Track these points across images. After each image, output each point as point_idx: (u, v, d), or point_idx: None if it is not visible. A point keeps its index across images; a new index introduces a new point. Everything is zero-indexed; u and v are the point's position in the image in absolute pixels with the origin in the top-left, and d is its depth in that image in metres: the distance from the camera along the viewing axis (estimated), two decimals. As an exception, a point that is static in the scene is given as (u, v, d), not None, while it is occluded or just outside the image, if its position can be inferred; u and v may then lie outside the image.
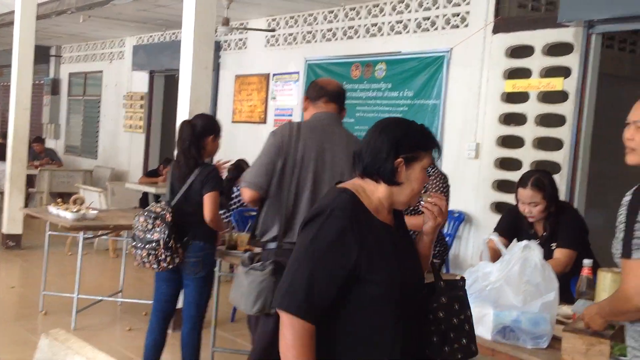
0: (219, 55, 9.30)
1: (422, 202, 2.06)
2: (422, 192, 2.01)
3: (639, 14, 4.88)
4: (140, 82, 11.12)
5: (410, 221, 2.94)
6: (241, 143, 8.66)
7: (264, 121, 8.62)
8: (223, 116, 9.27)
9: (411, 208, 3.80)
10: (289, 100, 8.24)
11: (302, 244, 1.90)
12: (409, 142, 1.95)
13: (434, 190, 4.02)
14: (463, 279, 2.13)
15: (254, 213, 3.77)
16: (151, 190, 8.50)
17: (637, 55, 6.73)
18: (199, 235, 3.83)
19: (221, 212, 6.62)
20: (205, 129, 3.92)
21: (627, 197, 2.04)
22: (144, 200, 8.96)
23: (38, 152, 11.31)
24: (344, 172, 3.06)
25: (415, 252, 2.08)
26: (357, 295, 1.88)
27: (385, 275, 1.88)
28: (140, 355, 4.03)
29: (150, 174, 9.34)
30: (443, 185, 4.05)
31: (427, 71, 6.57)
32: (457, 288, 2.06)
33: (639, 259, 1.97)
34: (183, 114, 5.17)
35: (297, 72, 8.16)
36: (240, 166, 6.97)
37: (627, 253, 1.99)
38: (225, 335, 4.97)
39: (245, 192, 3.20)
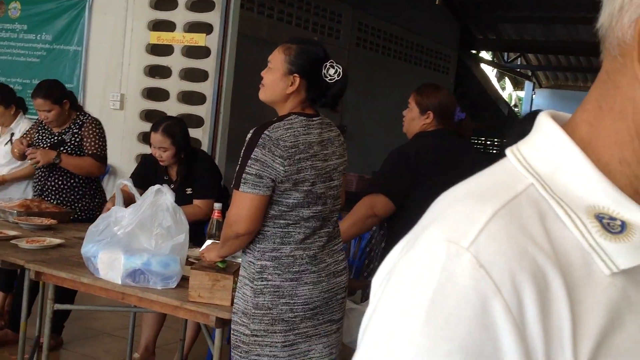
0: None
1: None
2: None
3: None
4: None
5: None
6: None
7: None
8: None
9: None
10: None
11: None
12: None
13: (90, 137, 3.85)
14: None
15: None
16: None
17: (274, 19, 7.25)
18: None
19: None
20: None
21: (248, 136, 2.21)
22: None
23: None
24: None
25: None
26: None
27: None
28: None
29: None
30: (99, 131, 3.94)
31: (67, 15, 6.18)
32: None
33: (244, 191, 2.17)
34: None
35: None
36: None
37: (237, 184, 2.20)
38: None
39: None
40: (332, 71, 2.28)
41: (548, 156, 0.60)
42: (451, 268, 0.51)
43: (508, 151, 0.62)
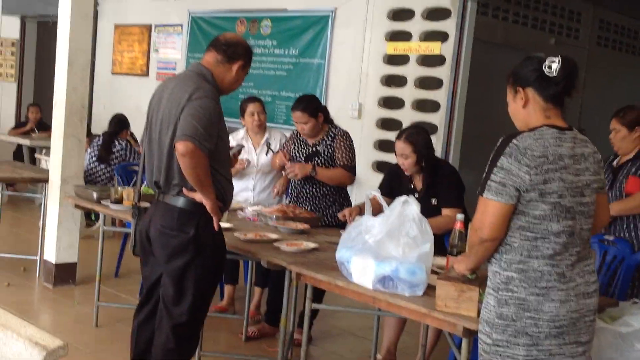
0: (97, 3, 8.90)
1: None
2: None
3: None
4: (10, 27, 10.45)
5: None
6: (121, 95, 8.40)
7: (146, 74, 8.39)
8: (102, 67, 8.94)
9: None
10: (173, 54, 8.07)
11: None
12: None
13: (342, 149, 4.13)
14: None
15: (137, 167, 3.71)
16: (25, 142, 8.12)
17: (509, 22, 7.12)
18: None
19: (102, 166, 6.41)
20: None
21: (497, 143, 2.27)
22: (18, 153, 8.54)
23: None
24: (164, 119, 2.86)
25: None
26: None
27: None
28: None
29: (19, 126, 8.87)
30: (349, 143, 4.23)
31: (312, 30, 6.65)
32: None
33: (487, 198, 2.23)
34: (62, 63, 4.97)
35: (181, 25, 7.98)
36: (121, 120, 6.74)
37: (481, 191, 2.26)
38: (109, 290, 4.91)
39: None
40: (554, 65, 2.25)
41: None
42: None
43: None
